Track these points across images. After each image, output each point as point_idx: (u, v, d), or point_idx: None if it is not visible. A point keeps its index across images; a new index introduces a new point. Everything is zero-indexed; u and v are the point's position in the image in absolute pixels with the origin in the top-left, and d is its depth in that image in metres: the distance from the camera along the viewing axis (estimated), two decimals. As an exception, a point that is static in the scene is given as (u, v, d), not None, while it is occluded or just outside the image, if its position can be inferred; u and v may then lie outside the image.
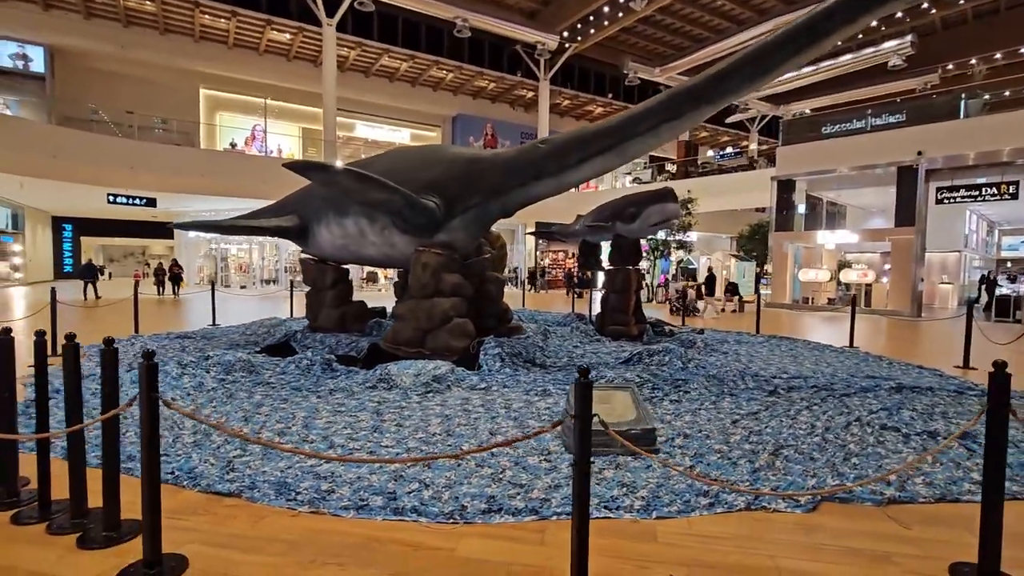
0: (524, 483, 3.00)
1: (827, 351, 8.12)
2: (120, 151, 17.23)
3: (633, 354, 6.72)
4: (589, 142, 5.92)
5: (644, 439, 3.51)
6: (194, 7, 20.24)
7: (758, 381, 5.55)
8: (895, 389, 5.33)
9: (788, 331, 11.02)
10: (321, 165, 5.68)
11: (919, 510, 2.79)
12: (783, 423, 4.23)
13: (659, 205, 8.01)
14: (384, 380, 5.26)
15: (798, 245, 18.13)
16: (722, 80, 5.32)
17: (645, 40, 27.26)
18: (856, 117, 16.31)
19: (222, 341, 7.89)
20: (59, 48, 21.19)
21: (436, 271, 6.33)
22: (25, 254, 25.67)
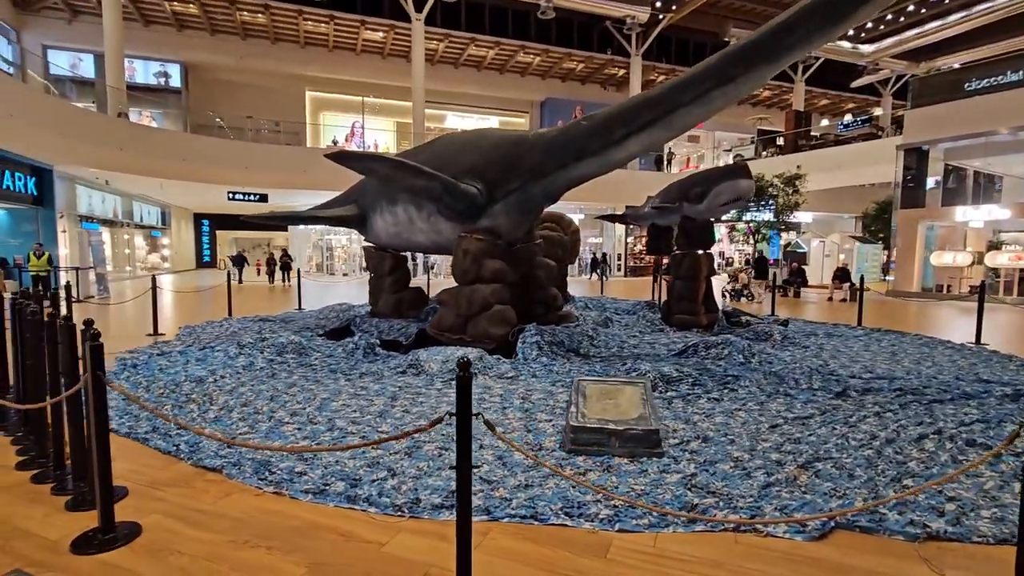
0: (494, 480, 2.82)
1: (940, 348, 6.88)
2: (235, 152, 19.23)
3: (688, 345, 6.18)
4: (632, 116, 5.44)
5: (645, 441, 3.15)
6: (297, 15, 21.89)
7: (828, 381, 4.81)
8: (1011, 397, 4.35)
9: (902, 324, 9.53)
10: (359, 154, 5.84)
11: (969, 551, 2.20)
12: (835, 431, 3.60)
13: (730, 182, 7.22)
14: (414, 366, 5.30)
15: (931, 224, 15.61)
16: (785, 33, 4.59)
17: (750, 2, 24.87)
18: (1012, 68, 13.55)
19: (295, 324, 8.47)
20: (191, 64, 24.06)
21: (477, 257, 6.25)
22: (172, 246, 29.78)
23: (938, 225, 15.85)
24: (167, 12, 21.57)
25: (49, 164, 15.67)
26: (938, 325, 9.58)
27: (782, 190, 18.77)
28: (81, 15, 21.58)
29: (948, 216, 15.11)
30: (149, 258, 28.36)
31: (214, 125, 23.36)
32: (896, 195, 15.64)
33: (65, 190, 17.82)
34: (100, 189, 20.37)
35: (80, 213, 19.31)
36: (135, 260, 25.37)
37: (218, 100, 24.54)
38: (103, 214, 21.47)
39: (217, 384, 4.69)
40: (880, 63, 28.05)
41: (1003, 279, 14.72)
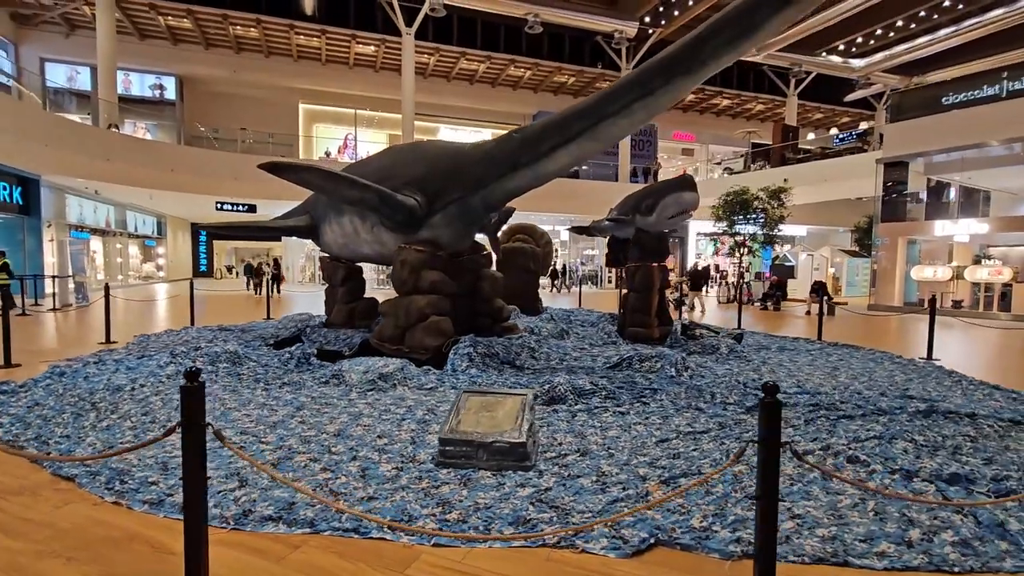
0: (343, 492, 2.79)
1: (886, 363, 6.79)
2: (224, 163, 19.45)
3: (623, 358, 6.12)
4: (560, 128, 5.47)
5: (511, 453, 3.12)
6: (289, 29, 22.23)
7: (745, 395, 4.76)
8: (923, 413, 4.28)
9: (865, 339, 9.42)
10: (292, 165, 5.87)
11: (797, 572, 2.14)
12: (722, 446, 3.55)
13: (674, 195, 7.23)
14: (337, 376, 5.30)
15: (913, 238, 15.49)
16: (697, 47, 4.61)
17: (737, 17, 25.00)
18: (988, 83, 13.53)
19: (251, 334, 8.49)
20: (186, 76, 24.46)
21: (415, 268, 6.26)
22: (167, 256, 30.05)
23: (921, 239, 15.73)
24: (162, 26, 21.98)
25: (36, 174, 15.92)
26: (901, 340, 9.47)
27: (767, 203, 18.75)
28: (79, 29, 22.03)
29: (928, 230, 15.00)
30: (144, 267, 28.64)
31: (210, 136, 23.72)
32: (876, 209, 15.56)
33: (53, 200, 18.08)
34: (91, 199, 20.65)
35: (70, 222, 19.58)
36: (128, 269, 25.62)
37: (213, 112, 24.90)
38: (95, 223, 21.73)
39: (131, 393, 4.69)
40: (872, 77, 28.06)
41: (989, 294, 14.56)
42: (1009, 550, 2.29)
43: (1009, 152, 13.09)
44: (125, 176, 17.71)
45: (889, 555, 2.26)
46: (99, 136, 17.30)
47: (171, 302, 15.33)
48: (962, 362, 7.11)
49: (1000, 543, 2.34)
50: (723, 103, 31.74)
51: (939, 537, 2.39)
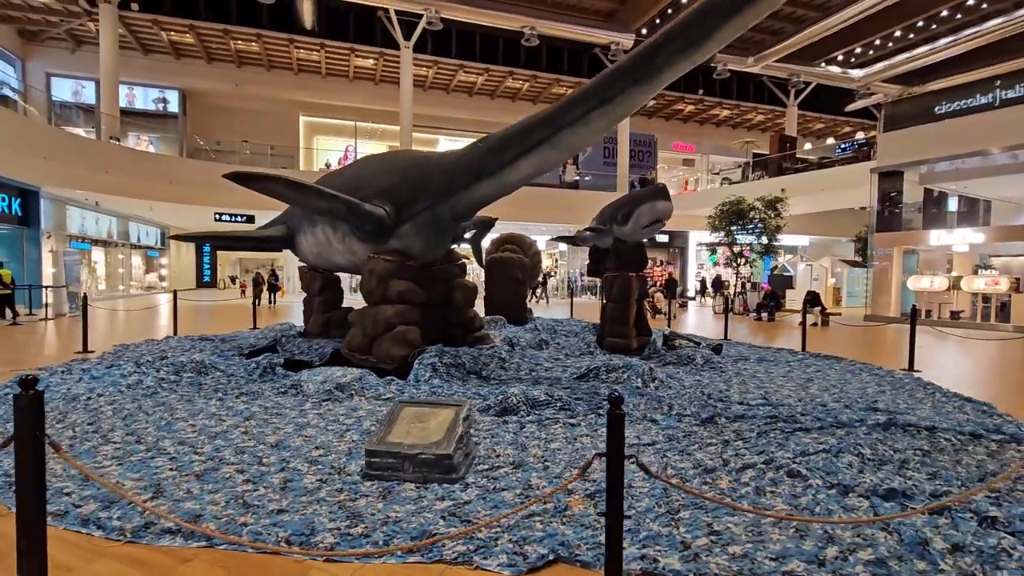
0: (255, 504, 2.74)
1: (864, 375, 6.65)
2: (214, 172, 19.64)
3: (590, 368, 6.04)
4: (521, 137, 5.46)
5: (437, 465, 3.06)
6: (289, 43, 22.56)
7: (705, 407, 4.67)
8: (883, 425, 4.16)
9: (850, 350, 9.27)
10: (257, 175, 5.89)
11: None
12: (663, 459, 3.46)
13: (649, 204, 7.18)
14: (296, 386, 5.26)
15: (911, 248, 15.29)
16: (651, 55, 4.60)
17: (734, 28, 25.06)
18: (981, 92, 13.41)
19: (230, 344, 8.50)
20: (189, 90, 24.86)
21: (383, 278, 6.24)
22: (170, 266, 30.35)
23: (919, 249, 15.53)
24: (165, 41, 22.38)
25: (35, 186, 16.17)
26: (888, 352, 9.29)
27: (764, 213, 18.63)
28: (84, 45, 22.48)
29: (924, 240, 14.81)
30: (147, 278, 28.93)
31: (209, 149, 24.03)
32: (871, 219, 15.40)
33: (54, 211, 18.34)
34: (93, 210, 20.93)
35: (71, 233, 19.84)
36: (130, 280, 25.87)
37: (215, 125, 25.26)
38: (96, 235, 22.01)
39: (84, 403, 4.69)
40: (872, 87, 27.96)
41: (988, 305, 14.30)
42: (925, 570, 2.19)
43: (1006, 161, 12.92)
44: (124, 188, 17.94)
45: (796, 574, 2.17)
46: (98, 148, 17.57)
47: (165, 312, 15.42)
48: (943, 374, 6.95)
49: (918, 563, 2.25)
50: (723, 114, 31.75)
51: (856, 555, 2.29)
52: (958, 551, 2.33)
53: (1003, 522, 2.56)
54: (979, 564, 2.23)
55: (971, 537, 2.43)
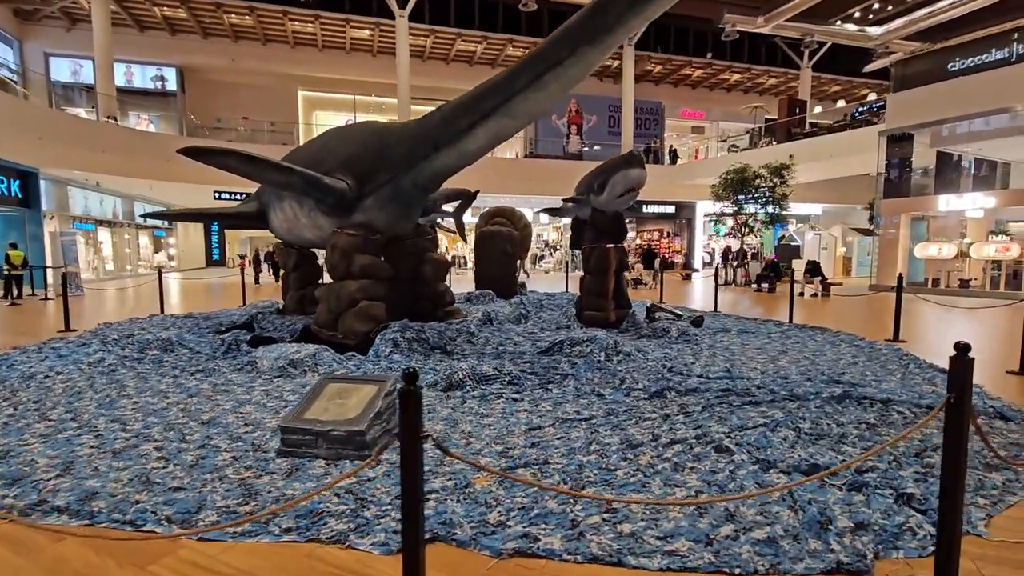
0: (157, 482, 2.72)
1: (844, 346, 6.45)
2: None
3: (554, 343, 5.94)
4: (475, 104, 5.26)
5: (349, 442, 3.01)
6: (283, 15, 22.17)
7: (659, 380, 4.55)
8: (837, 398, 4.01)
9: (841, 321, 9.02)
10: (211, 149, 5.78)
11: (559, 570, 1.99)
12: (595, 434, 3.37)
13: (622, 172, 6.94)
14: (252, 363, 5.26)
15: (920, 214, 14.74)
16: (600, 13, 4.35)
17: (743, -14, 23.97)
18: (996, 46, 12.65)
19: (213, 322, 8.53)
20: (186, 67, 24.67)
21: (346, 252, 6.15)
22: (178, 246, 30.71)
23: (928, 216, 14.97)
24: (158, 17, 22.15)
25: (34, 167, 16.31)
26: (880, 322, 9.00)
27: (770, 180, 18.06)
28: (80, 23, 22.32)
29: (932, 206, 14.25)
30: (155, 257, 29.33)
31: (205, 127, 23.96)
32: (879, 184, 14.84)
33: (55, 192, 18.55)
34: (95, 191, 21.14)
35: (74, 214, 20.09)
36: (138, 260, 26.26)
37: (214, 102, 25.10)
38: (101, 215, 22.27)
39: (40, 381, 4.73)
40: (891, 46, 26.62)
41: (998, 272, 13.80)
42: (816, 550, 2.08)
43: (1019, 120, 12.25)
44: (123, 167, 18.02)
45: (679, 554, 2.07)
46: (94, 129, 17.59)
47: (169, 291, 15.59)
48: (928, 345, 6.72)
49: (811, 542, 2.14)
50: (733, 78, 30.66)
51: (749, 535, 2.19)
52: (860, 529, 2.21)
53: (919, 499, 2.43)
54: (875, 544, 2.11)
55: (879, 515, 2.31)
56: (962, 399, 1.69)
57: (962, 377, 1.68)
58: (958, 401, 1.70)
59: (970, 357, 1.71)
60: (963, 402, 1.69)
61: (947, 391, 1.72)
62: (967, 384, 1.70)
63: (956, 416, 1.72)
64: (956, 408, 1.71)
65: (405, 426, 1.48)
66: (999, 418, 3.69)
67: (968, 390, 1.71)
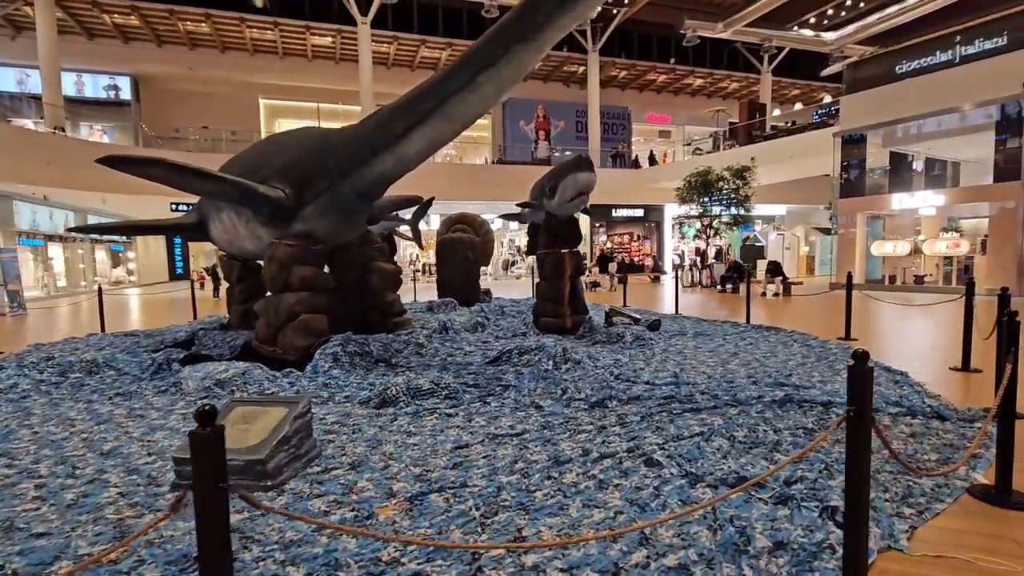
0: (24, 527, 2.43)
1: (796, 346, 6.43)
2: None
3: (502, 352, 5.76)
4: (410, 106, 5.06)
5: (249, 472, 2.76)
6: (240, 22, 21.67)
7: (603, 390, 4.40)
8: (779, 402, 3.92)
9: (797, 320, 9.06)
10: (132, 158, 5.46)
11: None
12: (524, 450, 3.19)
13: (572, 176, 6.83)
14: (177, 384, 4.94)
15: (875, 213, 15.07)
16: (530, 11, 4.21)
17: (702, -7, 24.41)
18: (940, 48, 13.04)
19: (152, 339, 8.11)
20: (141, 75, 23.92)
21: (284, 264, 5.87)
22: (138, 260, 29.65)
23: (883, 214, 15.30)
24: (109, 25, 21.43)
25: (-29, 181, 15.52)
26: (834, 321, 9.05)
27: (733, 183, 18.28)
28: (25, 31, 21.46)
29: (886, 204, 14.58)
30: (113, 272, 28.26)
31: (167, 136, 23.25)
32: (834, 184, 15.12)
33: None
34: (44, 205, 20.23)
35: (21, 229, 19.17)
36: (94, 275, 25.23)
37: (171, 112, 24.39)
38: (51, 230, 21.32)
39: (-64, 411, 4.34)
40: (845, 50, 27.42)
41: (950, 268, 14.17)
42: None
43: (965, 121, 12.62)
44: (72, 180, 17.29)
45: (580, 588, 1.90)
46: (40, 140, 16.86)
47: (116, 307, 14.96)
48: (877, 343, 6.75)
49: (726, 566, 1.98)
50: (697, 82, 31.15)
51: (661, 561, 2.03)
52: (779, 549, 2.07)
53: (844, 512, 2.30)
54: (791, 566, 1.97)
55: (800, 532, 2.17)
56: (862, 411, 1.55)
57: (862, 388, 1.55)
58: (858, 414, 1.56)
59: (868, 366, 1.58)
60: (863, 415, 1.56)
61: (847, 403, 1.59)
62: (867, 395, 1.57)
63: (858, 429, 1.59)
64: (857, 420, 1.58)
65: (198, 477, 1.27)
66: (936, 417, 3.64)
67: (868, 401, 1.57)
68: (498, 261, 27.21)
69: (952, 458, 2.94)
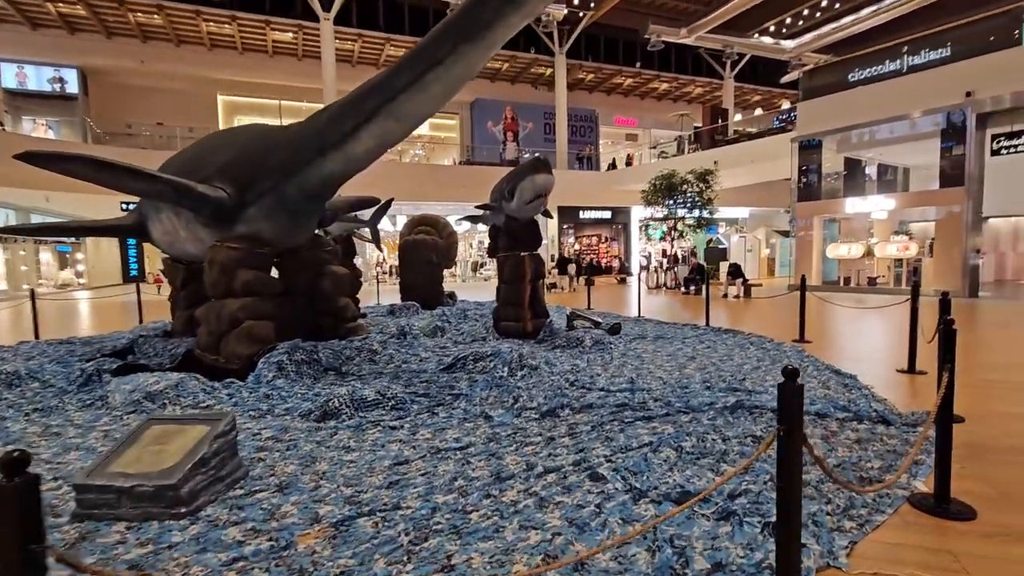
0: None
1: (752, 348, 6.47)
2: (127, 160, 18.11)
3: (457, 359, 5.60)
4: (358, 104, 4.85)
5: (159, 499, 2.53)
6: (196, 15, 20.87)
7: (554, 398, 4.28)
8: (730, 408, 3.88)
9: (755, 322, 9.18)
10: (53, 154, 5.09)
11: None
12: (467, 466, 3.04)
13: (529, 178, 6.72)
14: (104, 398, 4.61)
15: (831, 217, 15.51)
16: (477, 8, 4.07)
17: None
18: (889, 58, 13.50)
19: (95, 347, 7.64)
20: (89, 68, 22.79)
21: (226, 267, 5.58)
22: (88, 261, 28.25)
23: (838, 218, 15.76)
24: (53, 14, 20.32)
25: None
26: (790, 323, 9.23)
27: (696, 186, 18.55)
28: (-41, 19, 20.19)
29: (840, 208, 15.01)
30: (61, 275, 26.85)
31: (118, 132, 22.22)
32: (792, 188, 15.50)
33: (-74, 206, 16.55)
34: (-20, 204, 19.06)
35: (-46, 230, 17.99)
36: (39, 278, 23.93)
37: (123, 106, 23.33)
38: (-11, 230, 20.09)
39: None
40: (803, 58, 28.24)
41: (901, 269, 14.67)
42: (661, 604, 1.83)
43: (914, 128, 13.09)
44: (9, 177, 16.30)
45: (505, 624, 1.76)
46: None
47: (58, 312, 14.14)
48: (829, 344, 6.87)
49: (660, 594, 1.88)
50: (662, 87, 31.60)
51: (594, 589, 1.91)
52: (717, 571, 1.98)
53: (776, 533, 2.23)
54: (727, 591, 1.88)
55: (740, 551, 2.09)
56: (792, 430, 1.46)
57: (791, 406, 1.46)
58: (788, 432, 1.47)
59: (799, 384, 1.49)
60: (793, 433, 1.47)
61: (777, 422, 1.50)
62: (797, 413, 1.48)
63: (788, 447, 1.50)
64: (787, 438, 1.49)
65: (4, 541, 1.08)
66: (881, 422, 3.66)
67: (798, 419, 1.49)
68: (467, 263, 26.98)
69: (894, 465, 2.92)
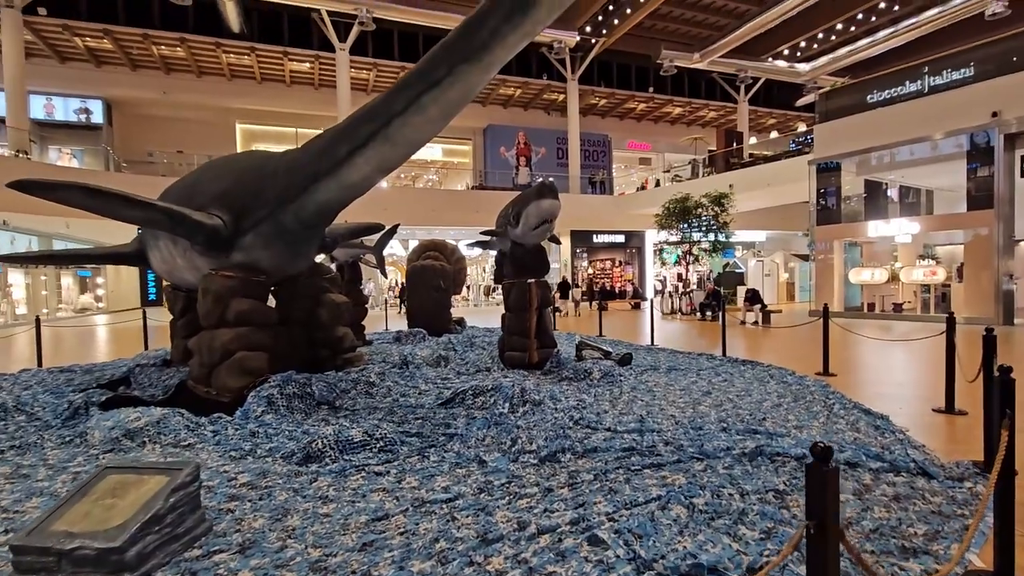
0: None
1: (773, 383, 6.06)
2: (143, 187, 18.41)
3: (456, 393, 5.30)
4: (353, 130, 4.71)
5: (101, 563, 2.27)
6: (216, 47, 21.47)
7: (557, 440, 3.95)
8: (749, 455, 3.52)
9: (779, 352, 8.74)
10: (48, 183, 5.02)
11: None
12: (451, 524, 2.72)
13: (534, 204, 6.49)
14: (84, 434, 4.40)
15: (852, 240, 15.01)
16: (474, 28, 3.91)
17: (678, 23, 24.88)
18: (910, 79, 13.17)
19: (95, 375, 7.51)
20: (114, 99, 23.51)
21: (220, 297, 5.41)
22: (107, 286, 28.71)
23: (860, 242, 15.26)
24: (81, 48, 21.08)
25: (-78, 206, 14.84)
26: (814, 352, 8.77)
27: (711, 210, 18.23)
28: (-7, 54, 21.01)
29: (861, 232, 14.53)
30: (81, 299, 27.29)
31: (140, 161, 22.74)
32: (811, 211, 15.08)
33: (-48, 232, 16.95)
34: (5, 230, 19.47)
35: (-23, 255, 18.38)
36: (59, 302, 24.31)
37: (145, 136, 23.95)
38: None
39: None
40: (819, 81, 28.03)
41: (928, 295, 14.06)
42: None
43: (937, 150, 12.68)
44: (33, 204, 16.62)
45: None
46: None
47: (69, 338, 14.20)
48: (856, 378, 6.42)
49: None
50: (675, 111, 31.58)
51: None
52: None
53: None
54: None
55: (761, 650, 1.74)
56: (824, 526, 1.15)
57: (824, 496, 1.15)
58: (820, 528, 1.15)
59: (834, 467, 1.18)
60: (826, 529, 1.15)
61: (806, 515, 1.18)
62: (829, 506, 1.16)
63: (821, 548, 1.18)
64: (820, 536, 1.17)
65: None
66: (922, 474, 3.26)
67: (830, 512, 1.17)
68: (479, 287, 26.81)
69: (941, 531, 2.54)
